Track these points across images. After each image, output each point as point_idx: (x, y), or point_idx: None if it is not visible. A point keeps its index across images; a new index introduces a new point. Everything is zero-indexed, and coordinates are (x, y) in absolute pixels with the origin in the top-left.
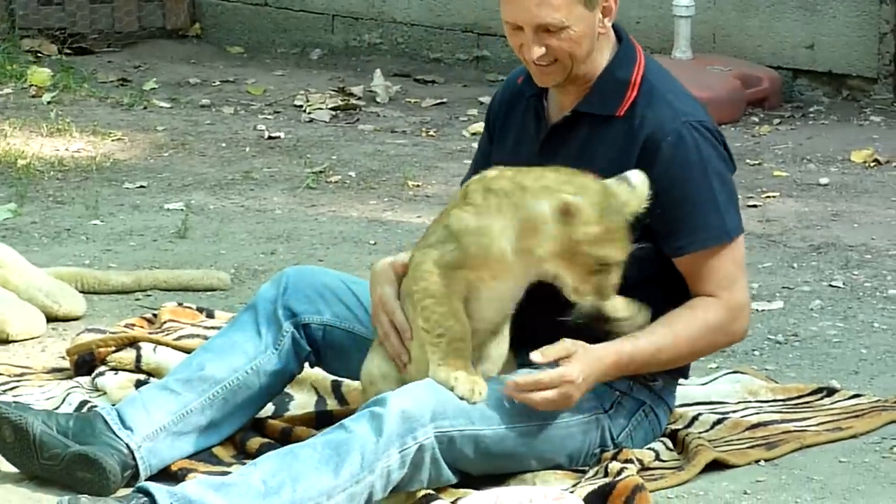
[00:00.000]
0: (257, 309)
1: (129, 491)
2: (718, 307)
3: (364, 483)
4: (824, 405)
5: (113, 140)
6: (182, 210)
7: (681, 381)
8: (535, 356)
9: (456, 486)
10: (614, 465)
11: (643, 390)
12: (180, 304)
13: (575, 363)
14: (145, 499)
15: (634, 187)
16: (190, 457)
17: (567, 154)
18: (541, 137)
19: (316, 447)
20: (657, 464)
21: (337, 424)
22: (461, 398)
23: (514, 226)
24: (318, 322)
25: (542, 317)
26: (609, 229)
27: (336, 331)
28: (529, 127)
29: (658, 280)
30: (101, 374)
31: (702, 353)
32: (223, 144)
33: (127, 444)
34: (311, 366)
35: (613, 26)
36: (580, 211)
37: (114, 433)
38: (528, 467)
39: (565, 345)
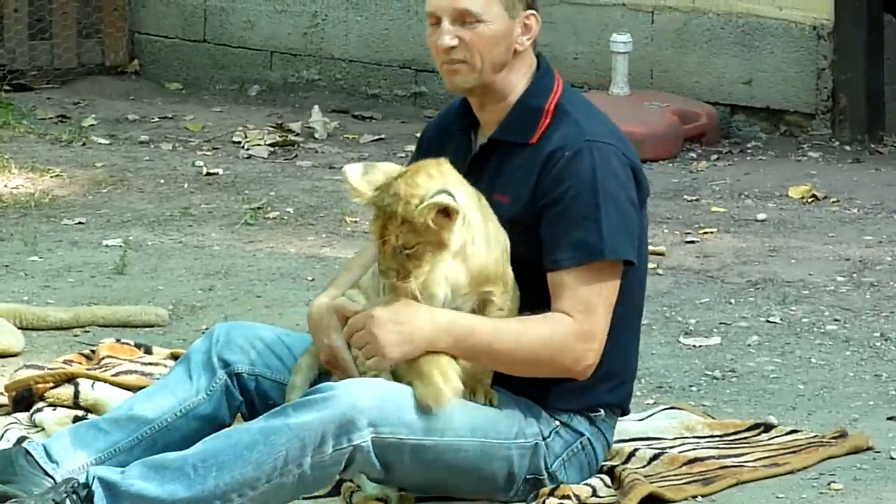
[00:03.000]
0: (190, 359)
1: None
2: (569, 327)
3: (291, 475)
4: (761, 441)
5: (52, 176)
6: (120, 246)
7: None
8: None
9: None
10: (552, 502)
11: (584, 422)
12: (118, 341)
13: (382, 306)
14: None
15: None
16: None
17: (486, 181)
18: (464, 169)
19: (251, 431)
20: (594, 500)
21: (281, 407)
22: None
23: None
24: (250, 372)
25: None
26: None
27: (268, 382)
28: (458, 160)
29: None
30: (40, 409)
31: (537, 366)
32: (161, 181)
33: (53, 479)
34: (244, 418)
35: (536, 55)
36: None
37: (39, 467)
38: (461, 484)
39: (401, 290)
